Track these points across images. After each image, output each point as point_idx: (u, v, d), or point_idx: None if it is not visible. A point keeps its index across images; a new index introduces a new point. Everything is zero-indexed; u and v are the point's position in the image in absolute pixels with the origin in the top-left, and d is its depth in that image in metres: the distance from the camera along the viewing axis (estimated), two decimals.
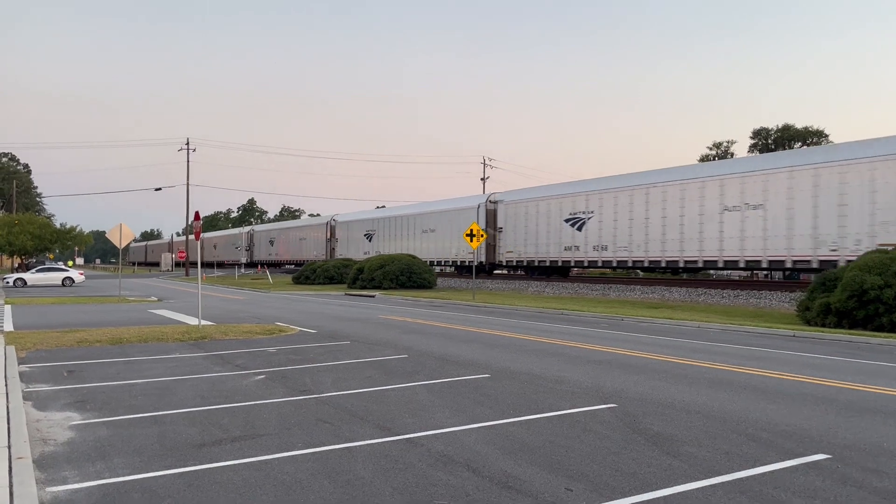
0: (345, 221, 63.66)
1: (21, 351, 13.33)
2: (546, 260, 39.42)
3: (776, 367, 11.84)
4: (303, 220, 76.63)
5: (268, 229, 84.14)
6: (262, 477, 5.82)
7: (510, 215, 42.33)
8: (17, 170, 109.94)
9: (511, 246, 42.24)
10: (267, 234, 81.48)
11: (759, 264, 28.51)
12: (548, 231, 39.06)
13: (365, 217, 61.24)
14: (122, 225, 32.31)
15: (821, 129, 69.47)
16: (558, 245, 38.26)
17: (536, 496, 5.35)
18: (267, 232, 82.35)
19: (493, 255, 44.01)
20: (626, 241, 34.08)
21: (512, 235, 42.12)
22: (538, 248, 39.86)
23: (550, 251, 38.93)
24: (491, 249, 43.83)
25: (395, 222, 54.31)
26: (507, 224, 42.52)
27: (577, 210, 37.07)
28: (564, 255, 37.97)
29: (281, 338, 16.03)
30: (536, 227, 40.01)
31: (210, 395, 9.27)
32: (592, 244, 35.98)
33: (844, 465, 6.14)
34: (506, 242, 42.71)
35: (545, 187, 41.90)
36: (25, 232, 66.57)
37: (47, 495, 5.37)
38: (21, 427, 7.13)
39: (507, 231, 42.53)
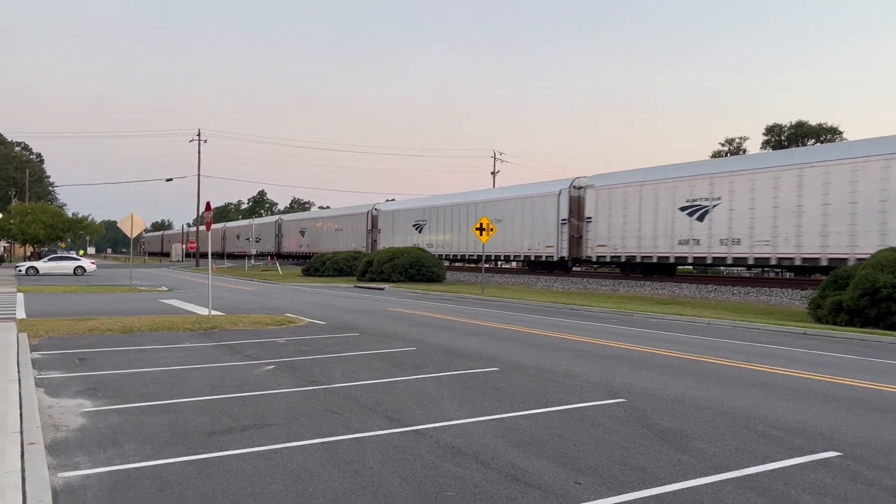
0: (389, 210, 57.87)
1: (33, 338, 13.44)
2: (652, 256, 33.10)
3: (786, 364, 11.79)
4: (339, 209, 70.24)
5: (298, 219, 78.70)
6: (272, 466, 5.85)
7: (602, 203, 35.83)
8: (31, 159, 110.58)
9: (603, 238, 35.71)
10: (297, 223, 76.03)
11: None
12: (654, 221, 32.73)
13: (414, 206, 54.84)
14: (133, 215, 32.48)
15: (834, 126, 68.93)
16: (669, 238, 32.01)
17: (545, 489, 5.36)
18: (297, 222, 76.82)
19: (579, 249, 37.83)
20: (767, 234, 27.91)
21: (605, 226, 35.62)
22: (641, 241, 33.57)
23: (659, 245, 32.55)
24: (575, 242, 37.90)
25: (451, 212, 47.90)
26: (599, 213, 36.02)
27: (698, 196, 30.74)
28: (678, 250, 31.68)
29: (290, 329, 16.08)
30: (639, 217, 33.59)
31: (220, 385, 9.31)
32: (719, 237, 29.77)
33: (855, 463, 6.11)
34: (596, 235, 36.21)
35: (649, 170, 35.00)
36: (38, 221, 66.99)
37: (59, 480, 5.42)
38: (33, 413, 7.19)
39: (599, 221, 36.02)
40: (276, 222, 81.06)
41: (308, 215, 78.23)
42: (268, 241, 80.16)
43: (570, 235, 37.73)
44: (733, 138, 74.13)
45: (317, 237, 68.42)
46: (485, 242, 32.63)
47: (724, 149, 73.17)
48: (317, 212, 77.88)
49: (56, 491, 5.16)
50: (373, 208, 59.26)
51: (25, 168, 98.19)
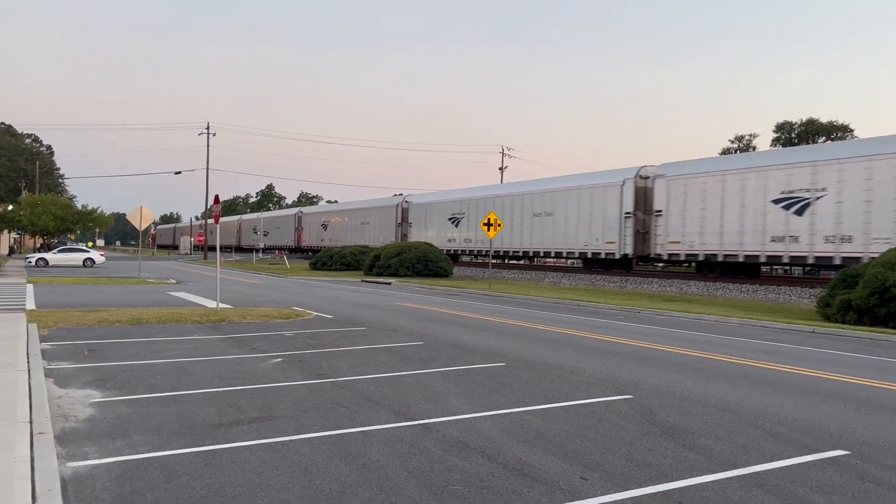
0: (421, 203, 53.31)
1: (43, 329, 13.52)
2: (738, 254, 29.18)
3: (795, 362, 11.74)
4: (365, 202, 66.00)
5: (319, 212, 74.45)
6: (279, 458, 5.87)
7: (675, 194, 31.83)
8: (41, 151, 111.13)
9: (677, 234, 31.76)
10: (318, 217, 71.99)
11: None
12: (741, 215, 28.88)
13: (450, 198, 50.35)
14: (142, 207, 32.61)
15: (846, 124, 68.51)
16: (759, 234, 28.26)
17: (551, 484, 5.36)
18: (318, 215, 72.65)
19: (645, 245, 33.98)
20: (888, 229, 24.02)
21: (678, 220, 31.63)
22: (724, 238, 29.69)
23: (746, 242, 28.73)
24: (641, 238, 34.02)
25: (493, 204, 43.47)
26: (671, 205, 32.03)
27: (796, 186, 26.97)
28: (771, 247, 27.77)
29: (298, 322, 16.13)
30: (721, 210, 29.73)
31: (228, 377, 9.35)
32: (824, 234, 25.99)
33: (863, 462, 6.08)
34: (667, 230, 32.23)
35: (732, 157, 31.97)
36: (48, 213, 67.31)
37: (68, 470, 5.45)
38: (43, 403, 7.24)
39: (671, 215, 32.03)
40: (296, 215, 77.28)
41: (331, 208, 73.56)
42: (286, 235, 77.22)
43: (634, 230, 33.90)
44: (743, 135, 73.78)
45: (341, 231, 64.67)
46: (492, 238, 32.63)
47: (734, 146, 72.84)
48: (340, 204, 72.43)
49: (65, 480, 5.19)
50: (403, 200, 55.70)
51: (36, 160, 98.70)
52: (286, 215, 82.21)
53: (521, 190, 42.65)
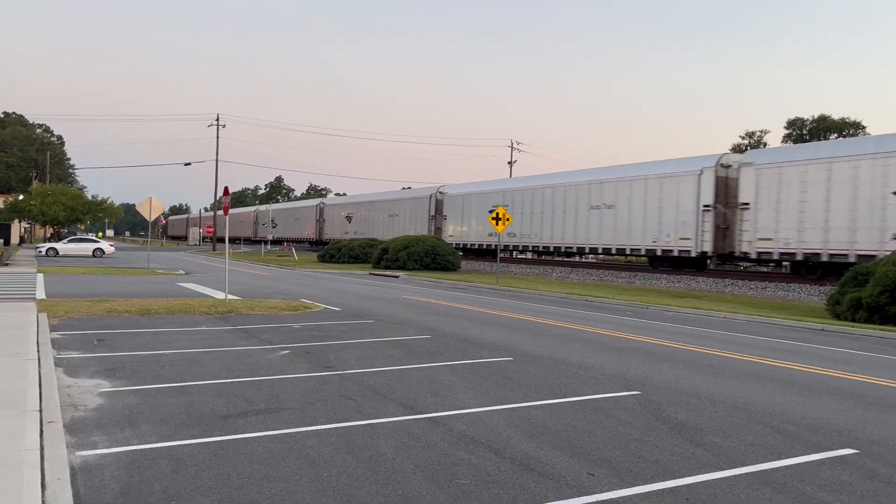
0: (458, 194, 49.01)
1: (53, 318, 13.59)
2: (848, 253, 25.37)
3: (804, 360, 11.68)
4: (394, 193, 62.57)
5: (343, 203, 70.23)
6: (286, 450, 5.88)
7: (767, 184, 28.22)
8: (52, 141, 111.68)
9: (769, 231, 28.11)
10: (342, 208, 68.11)
11: None
12: (852, 209, 25.40)
13: (491, 188, 46.37)
14: (151, 198, 32.70)
15: (858, 121, 68.00)
16: (877, 231, 24.62)
17: (558, 479, 5.35)
18: (342, 206, 68.75)
19: (728, 242, 30.65)
20: None
21: (770, 215, 28.03)
22: (828, 234, 26.12)
23: (858, 240, 25.06)
24: (721, 234, 30.71)
25: (541, 195, 40.24)
26: (761, 197, 28.46)
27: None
28: (891, 246, 23.33)
29: (306, 314, 16.16)
30: (826, 203, 26.18)
31: (236, 368, 9.38)
32: None
33: (872, 461, 6.05)
34: (757, 225, 28.58)
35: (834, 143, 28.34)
36: (58, 202, 67.64)
37: (77, 459, 5.48)
38: (52, 392, 7.28)
39: (761, 207, 28.48)
40: (318, 206, 73.72)
41: (356, 199, 68.12)
42: (306, 227, 74.47)
43: (714, 225, 30.51)
44: (754, 131, 73.40)
45: (367, 224, 60.83)
46: (500, 232, 32.52)
47: (745, 142, 72.45)
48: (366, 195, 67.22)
49: (74, 469, 5.22)
50: (437, 191, 52.18)
51: (46, 150, 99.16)
52: (306, 206, 78.78)
53: (575, 180, 38.69)
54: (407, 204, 55.87)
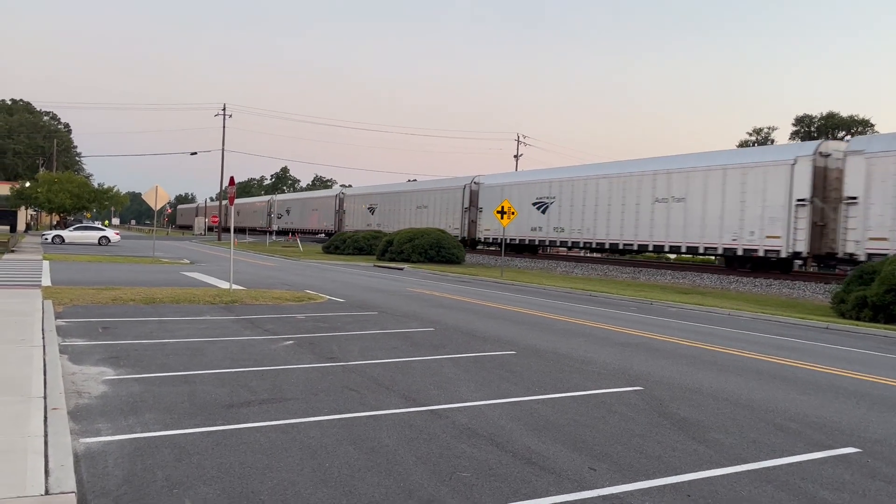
0: (496, 185, 45.50)
1: (58, 306, 13.64)
2: None
3: (808, 358, 11.66)
4: (423, 183, 59.14)
5: (365, 193, 65.27)
6: (289, 440, 5.90)
7: (881, 176, 24.43)
8: (58, 129, 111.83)
9: (883, 229, 24.39)
10: (364, 199, 63.98)
11: None
12: None
13: (534, 179, 42.51)
14: (157, 187, 32.77)
15: (867, 119, 67.66)
16: None
17: (560, 473, 5.36)
18: (364, 197, 64.42)
19: (824, 241, 27.22)
20: None
21: (886, 211, 24.29)
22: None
23: None
24: (819, 232, 27.07)
25: (595, 186, 36.61)
26: (873, 189, 24.67)
27: None
28: None
29: (310, 305, 16.18)
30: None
31: (239, 358, 9.41)
32: None
33: (874, 460, 6.04)
34: (866, 221, 24.88)
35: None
36: (64, 190, 67.80)
37: (80, 446, 5.51)
38: (57, 379, 7.31)
39: (873, 202, 24.71)
40: (337, 197, 69.94)
41: (380, 189, 63.81)
42: (326, 219, 70.46)
43: (811, 222, 27.07)
44: (761, 128, 73.09)
45: (393, 216, 56.88)
46: (505, 226, 32.44)
47: (752, 139, 72.17)
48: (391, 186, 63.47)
49: (78, 456, 5.25)
50: (472, 182, 48.45)
51: (53, 138, 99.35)
52: (325, 196, 75.43)
53: (636, 169, 34.82)
54: (438, 195, 51.74)
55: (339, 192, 71.17)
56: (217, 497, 4.63)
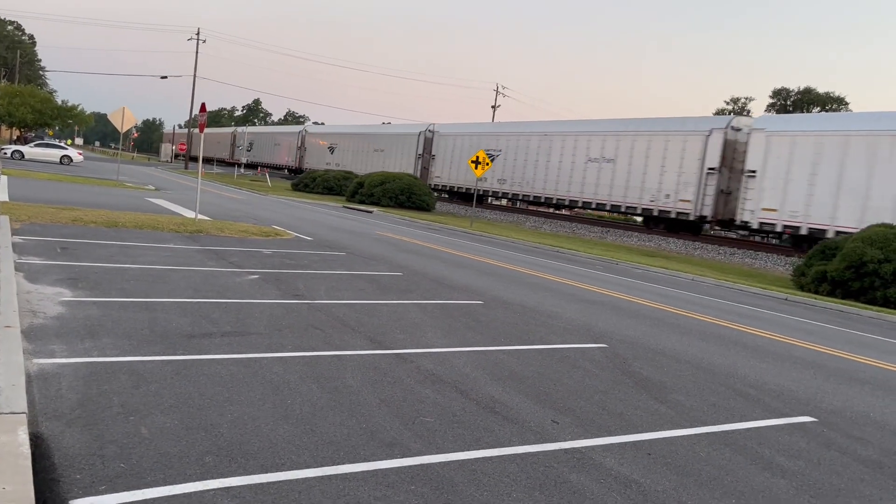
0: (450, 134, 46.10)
1: (15, 222, 13.19)
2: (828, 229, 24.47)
3: (768, 327, 11.86)
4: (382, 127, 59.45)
5: (327, 133, 65.04)
6: (250, 374, 5.79)
7: (777, 152, 26.67)
8: (22, 40, 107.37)
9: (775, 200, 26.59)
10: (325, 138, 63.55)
11: None
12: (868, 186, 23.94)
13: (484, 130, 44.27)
14: (124, 108, 31.75)
15: (842, 97, 68.25)
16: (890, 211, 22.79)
17: (522, 424, 5.35)
18: (326, 136, 63.87)
19: (727, 208, 29.28)
20: None
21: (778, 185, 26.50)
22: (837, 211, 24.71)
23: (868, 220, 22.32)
24: (724, 199, 29.32)
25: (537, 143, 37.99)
26: (769, 164, 26.98)
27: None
28: None
29: (277, 241, 15.93)
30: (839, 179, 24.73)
31: (202, 288, 9.21)
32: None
33: (830, 430, 6.15)
34: (761, 192, 27.06)
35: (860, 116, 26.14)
36: (26, 104, 65.39)
37: (34, 366, 5.33)
38: (11, 296, 7.05)
39: (768, 175, 26.95)
40: (300, 134, 69.38)
41: (340, 130, 63.80)
42: (288, 154, 70.82)
43: (717, 190, 29.33)
44: (738, 98, 73.36)
45: (350, 156, 57.38)
46: (479, 176, 32.20)
47: (729, 108, 72.44)
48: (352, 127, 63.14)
49: (30, 376, 5.07)
50: (427, 129, 48.94)
51: (17, 49, 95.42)
52: (288, 132, 74.73)
53: (575, 129, 36.50)
54: (396, 140, 52.23)
55: (303, 130, 70.50)
56: (175, 427, 4.52)
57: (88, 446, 4.10)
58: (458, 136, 45.30)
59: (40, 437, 4.13)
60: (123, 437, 4.28)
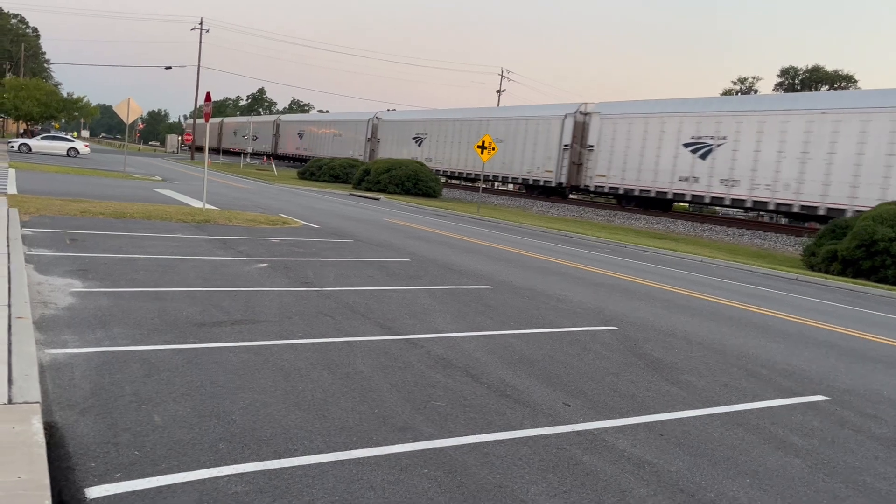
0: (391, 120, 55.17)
1: (24, 215, 13.24)
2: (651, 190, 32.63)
3: (778, 307, 11.80)
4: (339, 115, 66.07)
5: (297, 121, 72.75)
6: (261, 361, 5.80)
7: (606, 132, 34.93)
8: (27, 33, 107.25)
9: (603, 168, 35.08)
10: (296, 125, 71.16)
11: None
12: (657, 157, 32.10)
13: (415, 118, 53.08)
14: (129, 100, 31.75)
15: (850, 74, 67.57)
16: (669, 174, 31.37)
17: (534, 407, 5.34)
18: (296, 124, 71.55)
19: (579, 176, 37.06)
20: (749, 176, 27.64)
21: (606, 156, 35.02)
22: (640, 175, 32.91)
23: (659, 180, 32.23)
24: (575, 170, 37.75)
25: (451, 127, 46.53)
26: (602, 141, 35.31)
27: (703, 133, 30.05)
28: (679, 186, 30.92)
29: (284, 229, 15.94)
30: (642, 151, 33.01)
31: (212, 277, 9.22)
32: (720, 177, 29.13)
33: (843, 409, 6.12)
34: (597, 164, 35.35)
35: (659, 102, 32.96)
36: (32, 97, 65.50)
37: (46, 356, 5.35)
38: (22, 288, 7.08)
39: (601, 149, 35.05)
40: (275, 122, 77.13)
41: (307, 118, 72.98)
42: (265, 141, 77.29)
43: (570, 162, 36.98)
44: (746, 77, 72.70)
45: (315, 141, 65.40)
46: (485, 161, 32.13)
47: (736, 87, 71.84)
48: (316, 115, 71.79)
49: (43, 366, 5.09)
50: (374, 116, 56.36)
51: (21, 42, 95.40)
52: (266, 121, 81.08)
53: (478, 116, 44.38)
54: (350, 126, 59.32)
55: (277, 119, 77.91)
56: (187, 415, 4.53)
57: (102, 434, 4.11)
58: (397, 122, 53.44)
59: (54, 426, 4.15)
60: (137, 425, 4.30)
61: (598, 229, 27.00)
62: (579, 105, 37.02)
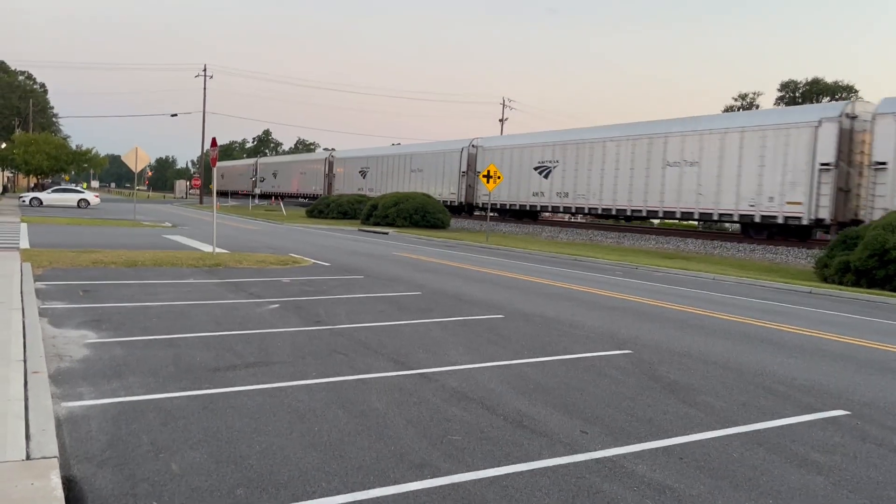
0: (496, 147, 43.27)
1: (37, 268, 13.38)
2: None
3: (793, 321, 11.71)
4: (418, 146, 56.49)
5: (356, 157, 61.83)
6: (276, 403, 5.80)
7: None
8: (34, 89, 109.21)
9: None
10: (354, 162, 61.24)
11: None
12: None
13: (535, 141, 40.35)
14: (137, 148, 32.16)
15: (851, 85, 67.70)
16: None
17: (551, 436, 5.31)
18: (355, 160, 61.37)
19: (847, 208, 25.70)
20: None
21: None
22: None
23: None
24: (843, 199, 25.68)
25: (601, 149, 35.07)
26: None
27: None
28: None
29: (295, 269, 16.02)
30: None
31: (224, 321, 9.26)
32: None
33: (864, 423, 6.05)
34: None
35: None
36: (42, 151, 66.46)
37: (62, 410, 5.38)
38: (37, 342, 7.14)
39: None
40: (327, 160, 67.33)
41: (371, 152, 60.43)
42: (314, 182, 68.15)
43: (835, 188, 25.57)
44: (746, 93, 72.94)
45: (385, 179, 54.74)
46: (491, 190, 32.26)
47: (738, 104, 72.07)
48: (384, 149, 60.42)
49: (60, 420, 5.12)
50: (470, 144, 46.00)
51: (29, 98, 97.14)
52: (314, 160, 72.77)
53: (642, 132, 33.33)
54: (435, 158, 49.06)
55: (329, 156, 69.48)
56: (204, 461, 4.54)
57: (121, 486, 4.12)
58: (505, 148, 42.37)
59: (73, 480, 4.16)
60: (154, 474, 4.30)
61: (608, 252, 26.96)
62: (843, 105, 26.94)
